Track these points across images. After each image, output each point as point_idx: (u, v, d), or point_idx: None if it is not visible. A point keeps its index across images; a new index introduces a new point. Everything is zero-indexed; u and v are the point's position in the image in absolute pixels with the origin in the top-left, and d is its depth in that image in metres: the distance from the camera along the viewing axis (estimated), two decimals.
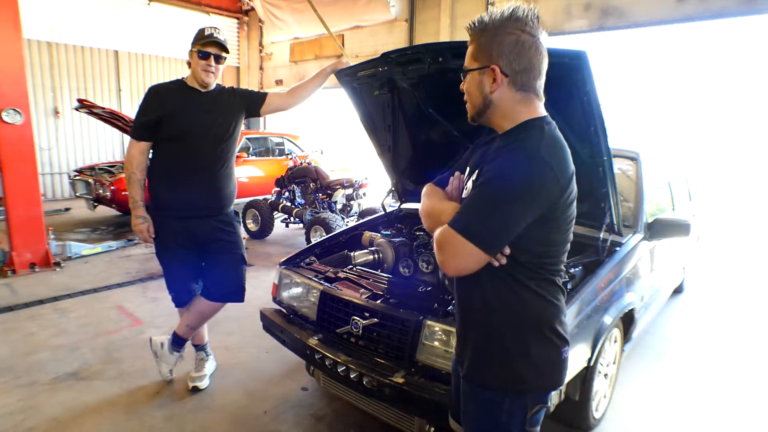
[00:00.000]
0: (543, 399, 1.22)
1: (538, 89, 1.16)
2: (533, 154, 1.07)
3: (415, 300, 2.05)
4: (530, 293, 1.16)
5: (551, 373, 1.20)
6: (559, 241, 1.16)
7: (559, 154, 1.11)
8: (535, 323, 1.18)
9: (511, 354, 1.18)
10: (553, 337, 1.18)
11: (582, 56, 1.71)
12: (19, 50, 4.44)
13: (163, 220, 2.45)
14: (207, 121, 2.38)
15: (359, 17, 9.24)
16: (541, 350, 1.18)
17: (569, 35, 6.93)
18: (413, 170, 2.99)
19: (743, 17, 5.72)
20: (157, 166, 2.44)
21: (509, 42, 1.10)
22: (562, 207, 1.11)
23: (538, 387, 1.20)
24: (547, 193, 1.07)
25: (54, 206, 8.59)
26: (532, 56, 1.12)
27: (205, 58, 2.32)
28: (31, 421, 2.37)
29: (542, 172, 1.06)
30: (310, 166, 6.55)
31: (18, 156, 4.53)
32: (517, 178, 1.06)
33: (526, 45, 1.11)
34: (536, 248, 1.14)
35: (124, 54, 10.41)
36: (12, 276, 4.57)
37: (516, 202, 1.06)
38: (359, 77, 2.59)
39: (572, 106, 1.91)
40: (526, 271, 1.15)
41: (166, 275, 2.60)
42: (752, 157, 11.51)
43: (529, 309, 1.17)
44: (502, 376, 1.19)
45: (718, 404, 2.69)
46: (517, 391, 1.19)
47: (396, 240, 2.78)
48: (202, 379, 2.68)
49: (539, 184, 1.06)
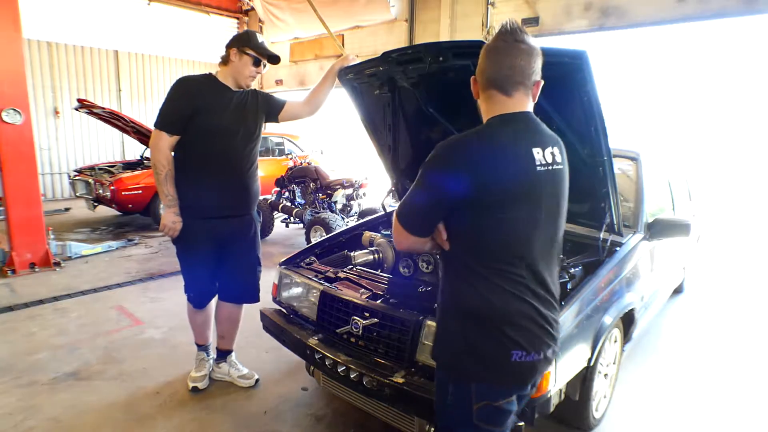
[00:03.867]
0: (490, 396, 1.23)
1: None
2: (440, 145, 1.20)
3: (415, 300, 2.05)
4: (468, 286, 1.22)
5: (495, 370, 1.22)
6: (487, 240, 1.19)
7: (473, 148, 1.16)
8: (475, 316, 1.21)
9: (451, 338, 1.26)
10: (500, 336, 1.20)
11: (582, 56, 1.71)
12: (19, 50, 4.44)
13: (188, 219, 2.36)
14: (239, 120, 2.37)
15: (359, 17, 9.24)
16: (484, 344, 1.21)
17: (569, 35, 6.93)
18: (413, 170, 2.97)
19: (743, 17, 5.72)
20: (184, 164, 2.33)
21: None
22: (469, 202, 1.16)
23: (479, 378, 1.23)
24: (442, 184, 1.17)
25: (54, 206, 8.60)
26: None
27: (256, 65, 2.35)
28: (31, 421, 2.37)
29: (437, 162, 1.20)
30: (310, 166, 6.55)
31: (18, 156, 4.53)
32: (425, 165, 1.22)
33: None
34: (464, 241, 1.22)
35: (124, 54, 10.41)
36: (12, 276, 4.58)
37: (420, 188, 1.22)
38: (359, 77, 2.59)
39: (572, 106, 1.91)
40: (465, 265, 1.23)
41: (188, 276, 2.53)
42: (752, 156, 11.51)
43: (467, 301, 1.22)
44: (445, 356, 1.29)
45: (718, 404, 2.69)
46: (457, 376, 1.26)
47: None
48: (203, 380, 2.68)
49: (434, 174, 1.20)
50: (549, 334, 1.25)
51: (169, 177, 2.28)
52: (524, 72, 1.22)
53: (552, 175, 1.22)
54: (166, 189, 2.29)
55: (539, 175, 1.19)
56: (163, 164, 2.26)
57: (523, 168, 1.18)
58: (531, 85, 1.25)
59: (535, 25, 7.18)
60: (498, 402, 1.24)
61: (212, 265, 2.51)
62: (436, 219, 1.24)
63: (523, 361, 1.21)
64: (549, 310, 1.25)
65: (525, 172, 1.18)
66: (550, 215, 1.24)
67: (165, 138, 2.25)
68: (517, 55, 1.21)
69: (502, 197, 1.17)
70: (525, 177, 1.18)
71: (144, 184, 6.61)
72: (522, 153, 1.18)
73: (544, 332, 1.23)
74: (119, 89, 10.42)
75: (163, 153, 2.25)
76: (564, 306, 1.79)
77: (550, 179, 1.22)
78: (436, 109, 2.52)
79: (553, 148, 1.25)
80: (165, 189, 2.29)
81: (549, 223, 1.24)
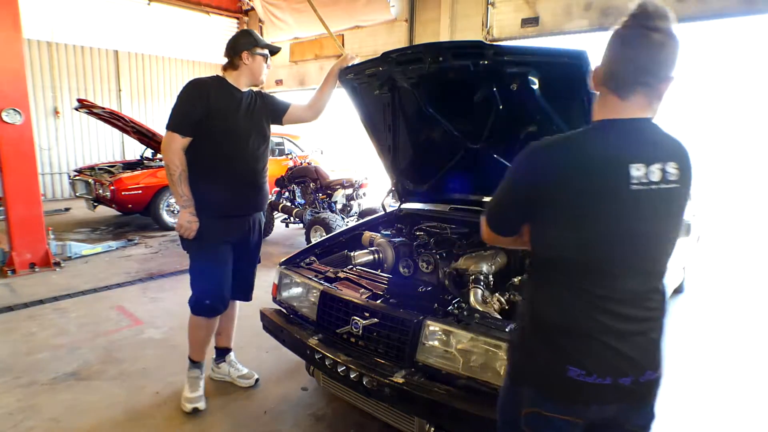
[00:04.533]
0: (541, 404, 1.16)
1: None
2: (530, 144, 1.13)
3: (415, 300, 2.05)
4: (535, 290, 1.21)
5: (546, 381, 1.14)
6: (560, 250, 1.11)
7: (553, 153, 1.10)
8: (536, 321, 1.18)
9: (515, 336, 1.28)
10: (556, 348, 1.12)
11: (582, 56, 1.71)
12: (19, 50, 4.44)
13: (206, 219, 2.34)
14: (251, 121, 2.40)
15: (359, 17, 9.24)
16: (539, 351, 1.16)
17: (569, 35, 6.93)
18: (413, 170, 2.99)
19: (743, 17, 5.72)
20: (201, 165, 2.32)
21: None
22: (545, 208, 1.10)
23: (530, 383, 1.18)
24: (519, 185, 1.15)
25: (54, 206, 8.60)
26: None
27: (266, 61, 2.41)
28: (31, 421, 2.37)
29: (519, 162, 1.14)
30: (310, 166, 6.55)
31: (18, 156, 4.53)
32: (512, 163, 1.17)
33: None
34: (539, 246, 1.18)
35: (124, 54, 10.41)
36: (12, 276, 4.57)
37: (502, 185, 1.19)
38: (360, 77, 2.59)
39: (573, 106, 1.91)
40: (538, 269, 1.20)
41: (205, 280, 2.42)
42: (752, 156, 11.51)
43: (532, 304, 1.21)
44: (509, 351, 1.31)
45: (718, 404, 2.69)
46: (513, 375, 1.25)
47: (396, 240, 2.78)
48: (201, 399, 2.50)
49: (514, 174, 1.16)
50: (630, 360, 1.09)
51: (183, 177, 2.27)
52: (649, 70, 1.03)
53: (655, 196, 1.05)
54: (180, 189, 2.27)
55: (632, 194, 1.03)
56: (177, 165, 2.25)
57: (610, 185, 1.04)
58: (658, 84, 1.05)
59: (535, 25, 7.18)
60: (550, 414, 1.14)
61: (229, 265, 2.48)
62: (516, 220, 1.20)
63: (583, 381, 1.08)
64: (636, 335, 1.10)
65: (611, 189, 1.04)
66: (644, 235, 1.07)
67: (178, 139, 2.25)
68: (647, 47, 1.01)
69: (579, 212, 1.06)
70: (610, 194, 1.04)
71: (144, 184, 6.61)
72: (612, 168, 1.04)
73: (621, 357, 1.08)
74: (119, 89, 10.42)
75: (176, 154, 2.24)
76: None
77: (650, 199, 1.04)
78: (435, 109, 2.52)
79: (668, 164, 1.05)
80: (179, 189, 2.27)
81: (642, 244, 1.08)
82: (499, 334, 1.68)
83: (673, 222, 1.11)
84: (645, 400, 1.17)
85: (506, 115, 2.27)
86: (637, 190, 1.04)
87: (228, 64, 2.39)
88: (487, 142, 2.46)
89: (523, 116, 2.22)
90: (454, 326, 1.79)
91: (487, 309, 1.95)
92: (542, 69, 1.95)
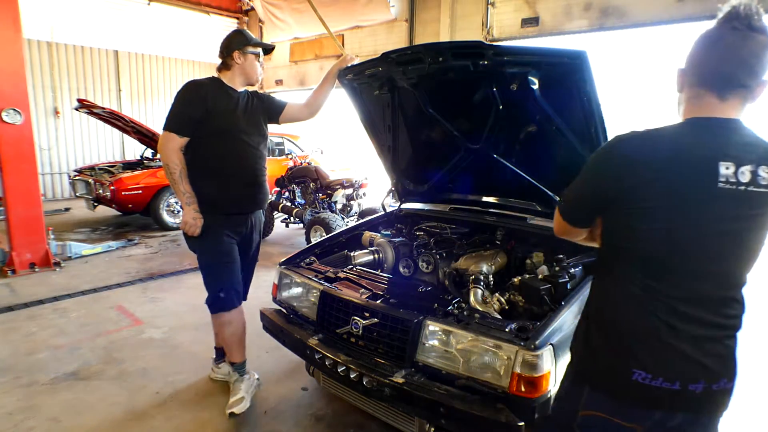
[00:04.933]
0: (603, 407, 1.13)
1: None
2: (620, 137, 1.11)
3: (415, 300, 2.05)
4: (603, 288, 1.19)
5: (611, 382, 1.12)
6: (633, 246, 1.09)
7: (639, 146, 1.08)
8: (601, 320, 1.16)
9: (578, 335, 1.24)
10: (621, 349, 1.10)
11: (582, 56, 1.71)
12: (19, 50, 4.44)
13: (210, 216, 2.36)
14: (249, 120, 2.42)
15: (359, 17, 9.24)
16: (604, 352, 1.13)
17: (569, 35, 6.93)
18: (413, 170, 2.99)
19: None
20: (199, 164, 2.34)
21: None
22: (627, 202, 1.07)
23: (593, 384, 1.15)
24: (597, 176, 1.13)
25: (54, 206, 8.60)
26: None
27: (258, 60, 2.43)
28: (31, 421, 2.37)
29: (600, 153, 1.14)
30: (310, 166, 6.55)
31: (18, 156, 4.53)
32: (596, 154, 1.16)
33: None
34: (611, 242, 1.16)
35: (124, 54, 10.41)
36: (12, 276, 4.58)
37: (581, 176, 1.18)
38: (359, 77, 2.59)
39: (572, 106, 1.91)
40: (607, 266, 1.18)
41: (218, 274, 2.42)
42: None
43: (598, 302, 1.19)
44: (572, 350, 1.27)
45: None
46: (574, 374, 1.22)
47: (396, 240, 2.78)
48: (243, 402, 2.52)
49: (593, 164, 1.15)
50: (702, 366, 1.06)
51: (183, 175, 2.28)
52: (753, 72, 1.03)
53: (741, 197, 1.01)
54: (182, 187, 2.29)
55: (720, 192, 1.01)
56: (176, 163, 2.26)
57: (696, 181, 1.02)
58: (756, 87, 1.05)
59: (535, 25, 7.18)
60: (609, 417, 1.12)
61: (237, 259, 2.48)
62: (591, 211, 1.18)
63: (648, 385, 1.06)
64: (710, 341, 1.08)
65: (698, 186, 1.02)
66: (724, 236, 1.05)
67: (175, 139, 2.26)
68: (752, 49, 1.02)
69: (664, 205, 1.04)
70: (695, 192, 1.02)
71: (144, 184, 6.61)
72: (700, 164, 1.02)
73: (692, 362, 1.06)
74: (119, 89, 10.42)
75: (174, 153, 2.26)
76: (564, 306, 1.79)
77: (735, 200, 1.01)
78: (435, 109, 2.52)
79: (761, 167, 1.02)
80: (181, 187, 2.29)
81: (720, 244, 1.06)
82: (499, 334, 1.68)
83: (757, 228, 1.07)
84: (714, 412, 1.12)
85: (506, 115, 2.27)
86: (723, 188, 1.01)
87: (221, 65, 2.41)
88: (487, 142, 2.46)
89: (523, 116, 2.22)
90: (454, 326, 1.79)
91: (487, 309, 1.95)
92: (542, 69, 1.95)
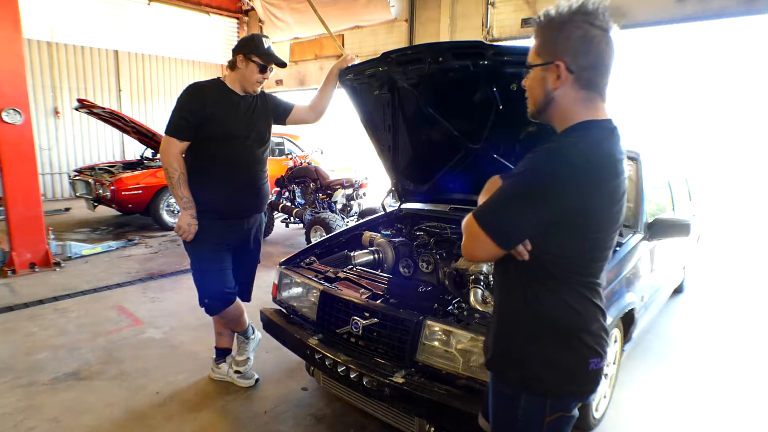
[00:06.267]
0: (564, 407, 1.18)
1: (602, 88, 1.11)
2: (562, 153, 1.05)
3: (415, 300, 2.05)
4: (553, 296, 1.13)
5: (575, 381, 1.16)
6: (584, 250, 1.11)
7: (594, 161, 1.05)
8: (556, 326, 1.14)
9: (527, 351, 1.17)
10: (579, 346, 1.14)
11: None
12: (19, 50, 4.44)
13: (205, 222, 2.36)
14: (249, 125, 2.40)
15: (359, 17, 9.24)
16: (564, 356, 1.14)
17: None
18: (413, 170, 2.99)
19: (743, 17, 5.72)
20: (198, 168, 2.35)
21: (576, 36, 1.05)
22: (583, 214, 1.06)
23: (559, 391, 1.17)
24: (562, 195, 1.03)
25: (54, 206, 8.60)
26: (601, 52, 1.06)
27: (263, 72, 2.36)
28: (31, 421, 2.37)
29: (561, 171, 1.03)
30: (310, 166, 6.55)
31: (18, 156, 4.53)
32: (537, 174, 1.05)
33: (595, 40, 1.05)
34: (555, 253, 1.10)
35: (124, 54, 10.41)
36: (12, 276, 4.58)
37: (528, 198, 1.05)
38: (359, 77, 2.59)
39: None
40: (549, 276, 1.13)
41: (206, 280, 2.47)
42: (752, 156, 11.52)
43: (552, 310, 1.14)
44: (516, 371, 1.19)
45: (719, 404, 2.69)
46: (533, 390, 1.17)
47: (396, 240, 2.78)
48: (246, 363, 2.74)
49: (553, 184, 1.03)
50: (606, 340, 1.20)
51: (182, 180, 2.29)
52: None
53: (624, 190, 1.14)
54: (180, 192, 2.30)
55: (624, 189, 1.13)
56: (175, 168, 2.27)
57: (620, 182, 1.10)
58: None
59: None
60: (572, 412, 1.20)
61: (230, 263, 2.51)
62: (532, 229, 1.09)
63: (598, 369, 1.17)
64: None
65: (619, 186, 1.11)
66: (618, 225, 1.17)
67: (175, 143, 2.27)
68: (613, 47, 1.08)
69: (604, 212, 1.09)
70: (620, 192, 1.11)
71: (144, 184, 6.61)
72: (619, 167, 1.10)
73: (607, 338, 1.20)
74: (119, 89, 10.42)
75: (174, 158, 2.27)
76: None
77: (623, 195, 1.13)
78: (435, 109, 2.52)
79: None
80: (180, 192, 2.30)
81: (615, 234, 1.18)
82: None
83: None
84: None
85: (506, 115, 2.27)
86: (624, 186, 1.13)
87: (229, 63, 2.40)
88: (487, 142, 2.46)
89: (523, 116, 2.21)
90: (454, 326, 1.80)
91: (487, 309, 1.94)
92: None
